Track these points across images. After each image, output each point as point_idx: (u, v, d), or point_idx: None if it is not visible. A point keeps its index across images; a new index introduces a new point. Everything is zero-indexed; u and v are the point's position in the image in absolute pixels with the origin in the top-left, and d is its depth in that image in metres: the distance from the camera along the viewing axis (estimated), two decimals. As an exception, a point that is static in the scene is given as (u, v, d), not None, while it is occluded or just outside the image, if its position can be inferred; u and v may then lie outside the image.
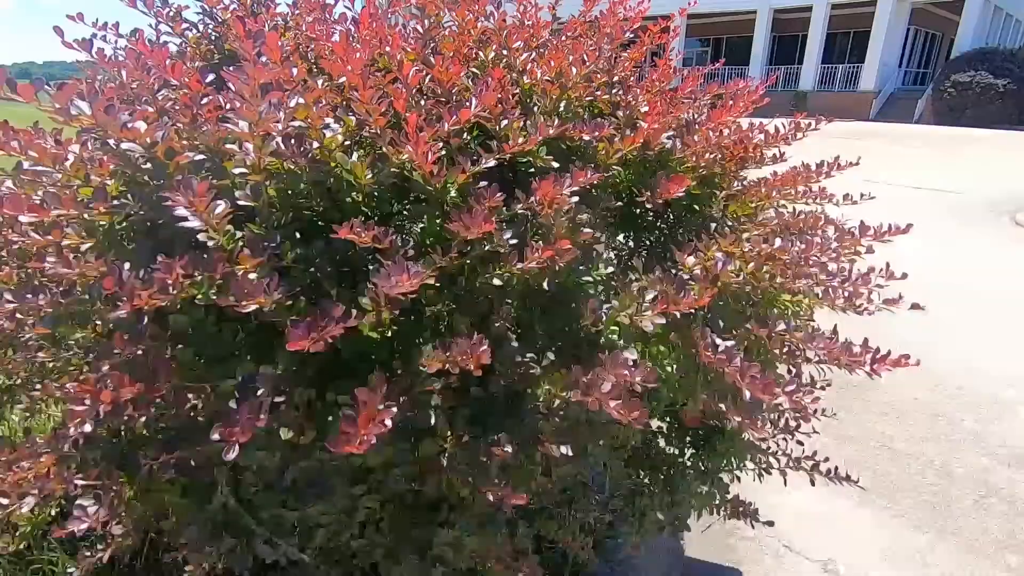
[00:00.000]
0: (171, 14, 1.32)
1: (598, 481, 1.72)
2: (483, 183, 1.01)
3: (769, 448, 1.52)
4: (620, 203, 1.26)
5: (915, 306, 1.20)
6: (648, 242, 1.44)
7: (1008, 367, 4.16)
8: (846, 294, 1.13)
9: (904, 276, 1.17)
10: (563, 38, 1.61)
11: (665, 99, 1.52)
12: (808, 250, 1.13)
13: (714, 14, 26.49)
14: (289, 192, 0.89)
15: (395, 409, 0.75)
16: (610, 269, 1.12)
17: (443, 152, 0.94)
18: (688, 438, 1.61)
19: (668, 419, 1.64)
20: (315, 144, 0.90)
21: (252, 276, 0.81)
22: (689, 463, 1.49)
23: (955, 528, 2.79)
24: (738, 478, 1.56)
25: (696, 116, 1.66)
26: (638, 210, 1.38)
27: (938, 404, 3.76)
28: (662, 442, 1.55)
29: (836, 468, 1.46)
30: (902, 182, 9.16)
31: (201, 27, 1.34)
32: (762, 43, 24.63)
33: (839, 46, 24.29)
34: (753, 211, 1.62)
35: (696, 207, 1.42)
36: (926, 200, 7.88)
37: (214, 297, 0.79)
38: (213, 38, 1.35)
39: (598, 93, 1.49)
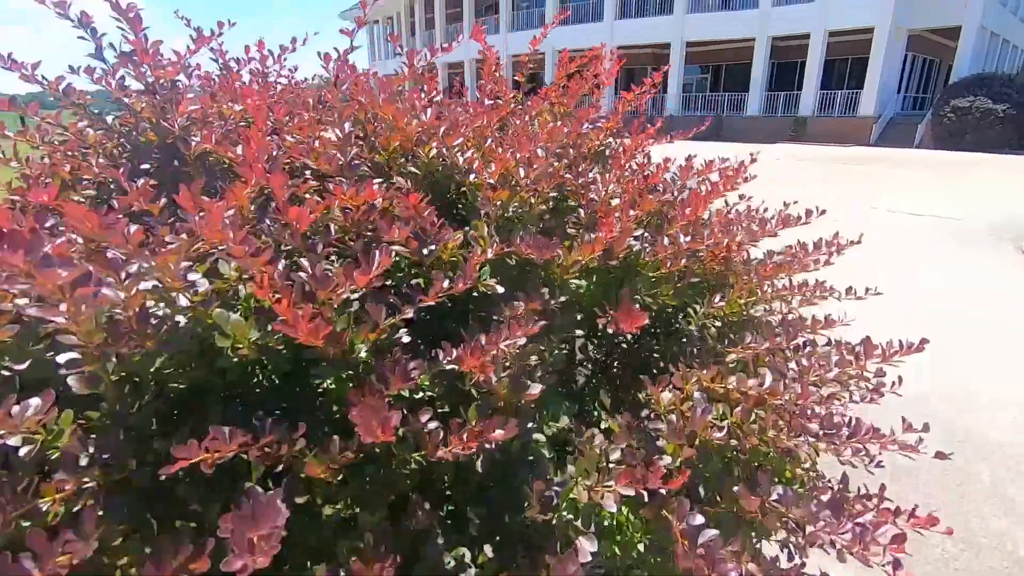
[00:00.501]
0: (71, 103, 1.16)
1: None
2: (403, 332, 0.83)
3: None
4: (581, 330, 1.07)
5: (939, 455, 1.00)
6: (617, 361, 1.24)
7: (1012, 394, 3.93)
8: (853, 449, 0.94)
9: (926, 428, 0.97)
10: (526, 118, 1.44)
11: (639, 183, 1.34)
12: (804, 392, 0.94)
13: (713, 42, 26.79)
14: (147, 367, 0.70)
15: None
16: (564, 421, 0.93)
17: (348, 306, 0.76)
18: None
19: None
20: (183, 301, 0.72)
21: (89, 486, 0.63)
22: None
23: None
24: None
25: (676, 197, 1.48)
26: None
27: (947, 451, 3.49)
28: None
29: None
30: (903, 208, 8.98)
31: (110, 119, 1.18)
32: (761, 70, 24.80)
33: (838, 72, 24.45)
34: (742, 309, 1.43)
35: (673, 321, 1.23)
36: (927, 226, 7.67)
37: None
38: (127, 131, 1.19)
39: (567, 176, 1.32)
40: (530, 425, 0.88)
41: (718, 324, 1.41)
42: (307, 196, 0.88)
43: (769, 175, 12.82)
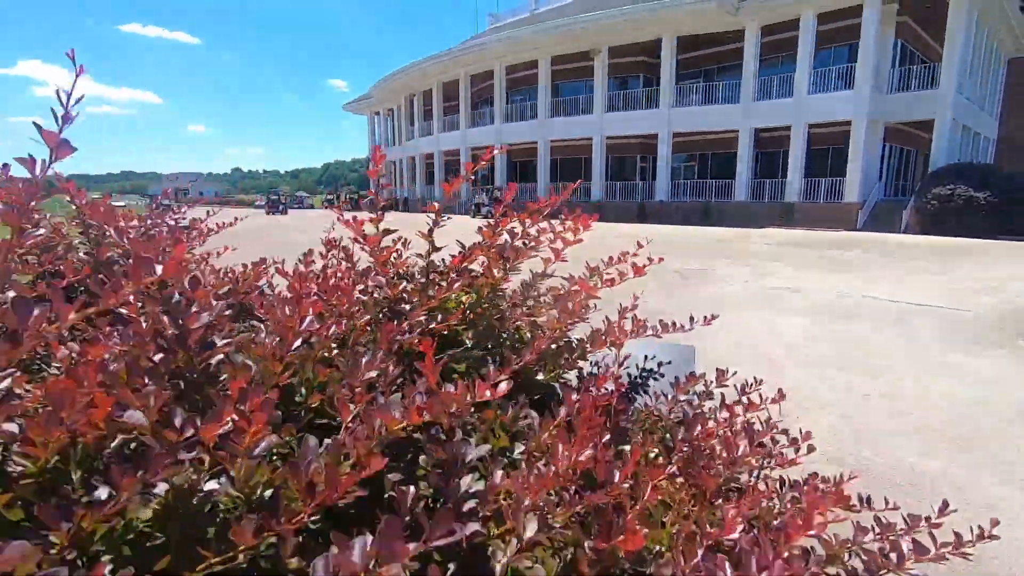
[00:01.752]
0: None
1: None
2: None
3: None
4: None
5: None
6: None
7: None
8: None
9: None
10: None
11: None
12: None
13: (699, 133, 28.03)
14: None
15: None
16: None
17: None
18: None
19: None
20: None
21: None
22: None
23: None
24: None
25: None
26: None
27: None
28: None
29: None
30: (899, 297, 8.60)
31: None
32: (746, 159, 25.75)
33: (821, 160, 25.37)
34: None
35: None
36: (926, 319, 7.20)
37: None
38: None
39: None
40: None
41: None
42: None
43: (775, 260, 12.50)
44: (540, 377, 0.95)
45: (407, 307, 0.91)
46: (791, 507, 0.77)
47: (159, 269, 0.67)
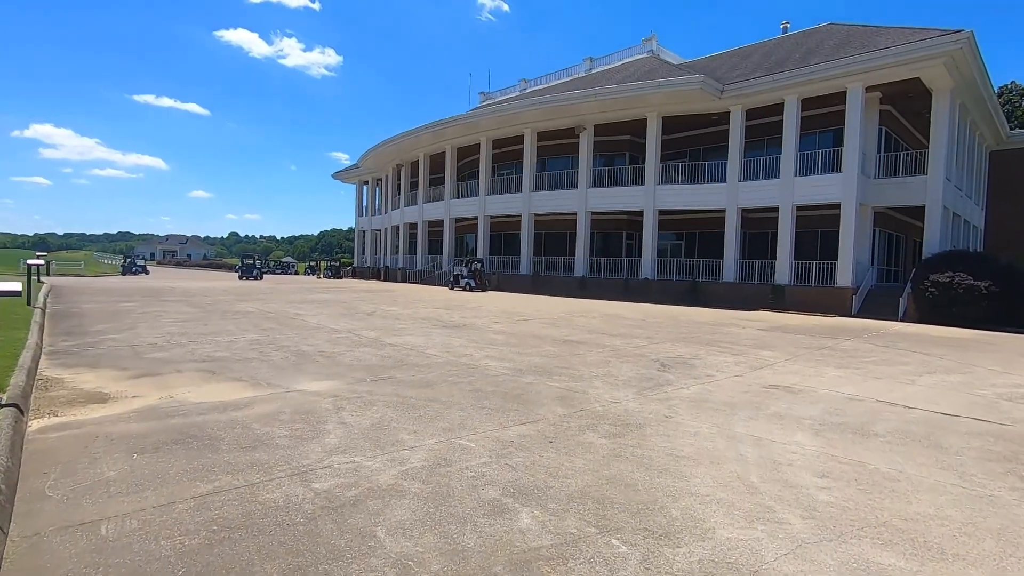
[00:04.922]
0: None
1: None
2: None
3: None
4: None
5: None
6: None
7: None
8: None
9: None
10: None
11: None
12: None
13: (686, 211, 27.40)
14: None
15: None
16: None
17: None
18: None
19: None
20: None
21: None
22: None
23: None
24: None
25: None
26: None
27: None
28: None
29: None
30: (921, 404, 6.98)
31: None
32: (734, 239, 24.89)
33: (811, 244, 24.57)
34: None
35: None
36: (963, 439, 5.45)
37: None
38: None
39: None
40: None
41: None
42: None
43: (767, 347, 10.56)
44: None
45: None
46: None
47: None
